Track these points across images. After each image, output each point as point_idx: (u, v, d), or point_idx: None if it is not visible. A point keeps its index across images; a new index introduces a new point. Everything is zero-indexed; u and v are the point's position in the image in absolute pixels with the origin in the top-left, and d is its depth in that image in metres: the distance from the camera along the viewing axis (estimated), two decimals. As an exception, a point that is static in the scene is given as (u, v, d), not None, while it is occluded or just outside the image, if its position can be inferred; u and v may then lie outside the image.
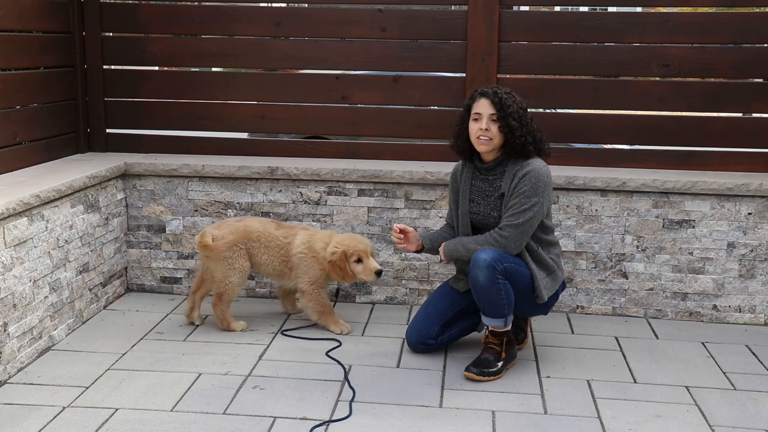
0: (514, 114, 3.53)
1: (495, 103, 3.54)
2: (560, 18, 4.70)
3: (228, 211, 4.66)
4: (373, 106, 4.84)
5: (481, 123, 3.56)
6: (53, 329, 3.92)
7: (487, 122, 3.55)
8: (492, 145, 3.58)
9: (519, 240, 3.54)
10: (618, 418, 3.25)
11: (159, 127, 4.98)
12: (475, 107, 3.60)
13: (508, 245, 3.53)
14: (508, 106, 3.53)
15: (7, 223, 3.52)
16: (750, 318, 4.43)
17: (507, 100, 3.54)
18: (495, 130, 3.55)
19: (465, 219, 3.73)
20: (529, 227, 3.54)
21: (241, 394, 3.40)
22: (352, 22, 4.71)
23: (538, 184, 3.52)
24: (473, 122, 3.60)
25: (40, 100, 4.50)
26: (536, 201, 3.51)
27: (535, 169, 3.54)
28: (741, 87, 4.60)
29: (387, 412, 3.26)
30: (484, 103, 3.57)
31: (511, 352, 3.71)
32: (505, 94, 3.57)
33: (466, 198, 3.73)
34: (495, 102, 3.54)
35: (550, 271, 3.66)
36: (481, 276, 3.47)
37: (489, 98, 3.56)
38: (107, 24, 4.83)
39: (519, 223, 3.51)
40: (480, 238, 3.60)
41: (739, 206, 4.35)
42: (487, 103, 3.56)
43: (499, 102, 3.53)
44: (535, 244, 3.63)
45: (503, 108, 3.53)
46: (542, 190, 3.53)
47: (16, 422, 3.12)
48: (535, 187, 3.51)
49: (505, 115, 3.52)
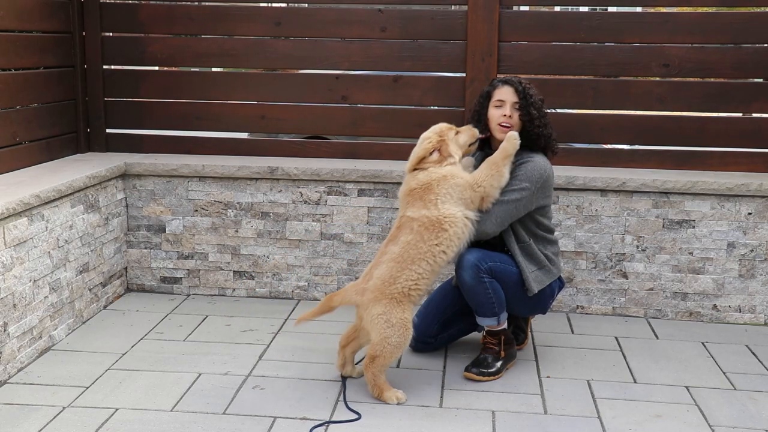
0: (536, 104, 3.59)
1: (519, 92, 3.58)
2: (560, 18, 4.71)
3: (228, 211, 4.67)
4: (373, 106, 4.84)
5: (504, 110, 3.59)
6: (53, 329, 3.92)
7: (510, 109, 3.58)
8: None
9: (497, 220, 3.47)
10: (618, 418, 3.25)
11: (159, 127, 4.98)
12: (498, 94, 3.62)
13: (484, 222, 3.45)
14: (531, 95, 3.59)
15: (7, 223, 3.52)
16: (750, 318, 4.43)
17: (529, 90, 3.60)
18: (516, 118, 3.59)
19: None
20: (513, 209, 3.49)
21: (241, 394, 3.40)
22: (352, 22, 4.71)
23: (533, 174, 3.51)
24: (495, 108, 3.62)
25: (40, 100, 4.49)
26: (527, 186, 3.49)
27: (535, 161, 3.56)
28: (741, 87, 4.60)
29: (387, 411, 3.26)
30: (507, 91, 3.60)
31: (511, 352, 3.71)
32: (527, 84, 3.62)
33: None
34: (519, 90, 3.58)
35: (540, 266, 3.63)
36: (466, 276, 3.48)
37: (513, 86, 3.60)
38: (107, 24, 4.84)
39: (503, 200, 3.47)
40: None
41: (739, 206, 4.35)
42: (511, 90, 3.59)
43: (522, 91, 3.58)
44: (527, 236, 3.61)
45: (526, 97, 3.57)
46: (536, 180, 3.51)
47: (16, 422, 3.12)
48: (530, 175, 3.51)
49: (527, 104, 3.57)
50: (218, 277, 4.74)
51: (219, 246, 4.70)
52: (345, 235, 4.62)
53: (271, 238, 4.67)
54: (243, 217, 4.66)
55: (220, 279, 4.74)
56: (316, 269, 4.67)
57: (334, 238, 4.63)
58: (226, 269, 4.72)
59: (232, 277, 4.73)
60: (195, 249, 4.72)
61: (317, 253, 4.65)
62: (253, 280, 4.72)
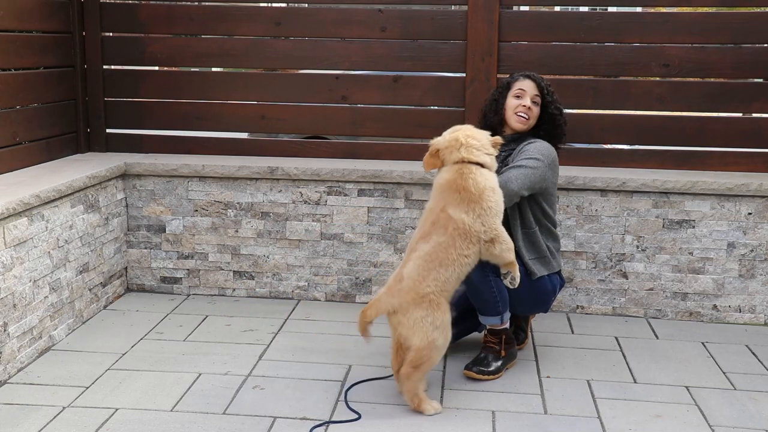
0: (555, 102, 3.71)
1: (540, 87, 3.69)
2: (560, 18, 4.71)
3: (228, 211, 4.67)
4: (373, 106, 4.84)
5: (524, 100, 3.67)
6: (53, 329, 3.92)
7: (530, 101, 3.66)
8: (528, 124, 3.68)
9: (520, 180, 3.46)
10: (618, 418, 3.25)
11: (159, 127, 4.98)
12: (518, 84, 3.70)
13: (509, 182, 3.44)
14: (551, 93, 3.70)
15: (7, 223, 3.52)
16: (750, 318, 4.43)
17: (549, 88, 3.71)
18: (536, 111, 3.68)
19: None
20: (531, 175, 3.50)
21: (241, 394, 3.40)
22: (352, 22, 4.71)
23: (543, 149, 3.60)
24: (514, 98, 3.69)
25: (40, 100, 4.49)
26: (540, 158, 3.55)
27: (541, 142, 3.65)
28: (741, 87, 4.60)
29: (387, 411, 3.27)
30: (529, 84, 3.70)
31: (511, 352, 3.71)
32: (548, 83, 3.74)
33: None
34: (541, 86, 3.70)
35: (540, 255, 3.65)
36: (472, 275, 3.47)
37: (535, 81, 3.71)
38: (107, 24, 4.83)
39: (522, 165, 3.52)
40: None
41: (739, 206, 4.35)
42: (532, 84, 3.69)
43: (545, 87, 3.69)
44: (534, 223, 3.64)
45: (548, 93, 3.69)
46: (547, 155, 3.58)
47: (16, 422, 3.12)
48: (541, 150, 3.59)
49: (551, 100, 3.70)
50: (218, 277, 4.74)
51: (219, 246, 4.70)
52: (345, 235, 4.62)
53: (271, 238, 4.67)
54: (243, 217, 4.66)
55: (220, 279, 4.74)
56: (316, 269, 4.67)
57: (334, 238, 4.63)
58: (226, 269, 4.72)
59: (232, 277, 4.73)
60: (195, 249, 4.72)
61: (317, 253, 4.65)
62: (253, 280, 4.72)
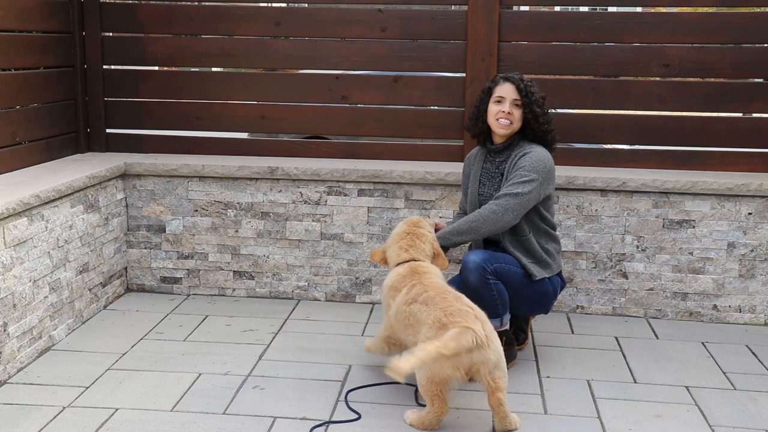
0: (538, 101, 3.62)
1: (520, 89, 3.61)
2: (560, 18, 4.70)
3: (228, 211, 4.66)
4: (373, 106, 4.84)
5: (503, 106, 3.61)
6: (53, 329, 3.92)
7: (510, 106, 3.61)
8: (511, 129, 3.64)
9: (516, 210, 3.51)
10: (618, 418, 3.25)
11: (159, 127, 4.98)
12: (498, 90, 3.65)
13: (504, 214, 3.50)
14: (533, 93, 3.62)
15: (7, 223, 3.52)
16: (750, 318, 4.43)
17: (531, 87, 3.63)
18: (517, 115, 3.62)
19: (474, 201, 3.77)
20: (526, 201, 3.52)
21: (241, 394, 3.40)
22: (352, 22, 4.71)
23: (537, 164, 3.55)
24: (494, 104, 3.65)
25: (40, 100, 4.49)
26: (535, 178, 3.52)
27: (536, 152, 3.60)
28: (741, 87, 4.60)
29: (387, 412, 3.26)
30: (508, 88, 3.63)
31: (511, 352, 3.71)
32: (528, 81, 3.65)
33: (476, 181, 3.77)
34: (520, 88, 3.61)
35: (537, 260, 3.65)
36: (472, 278, 3.48)
37: (514, 83, 3.62)
38: (107, 24, 4.83)
39: (517, 193, 3.51)
40: (471, 216, 3.59)
41: (739, 206, 4.35)
42: (512, 88, 3.62)
43: (524, 88, 3.61)
44: (528, 229, 3.63)
45: (528, 95, 3.60)
46: (541, 170, 3.55)
47: (16, 422, 3.12)
48: (535, 165, 3.54)
49: (529, 101, 3.60)
50: (218, 277, 4.74)
51: (219, 246, 4.70)
52: (345, 235, 4.62)
53: (271, 238, 4.67)
54: (243, 217, 4.66)
55: (220, 279, 4.74)
56: (316, 269, 4.67)
57: (334, 238, 4.63)
58: (226, 269, 4.72)
59: (232, 277, 4.73)
60: (195, 249, 4.72)
61: (317, 253, 4.65)
62: (253, 280, 4.72)
